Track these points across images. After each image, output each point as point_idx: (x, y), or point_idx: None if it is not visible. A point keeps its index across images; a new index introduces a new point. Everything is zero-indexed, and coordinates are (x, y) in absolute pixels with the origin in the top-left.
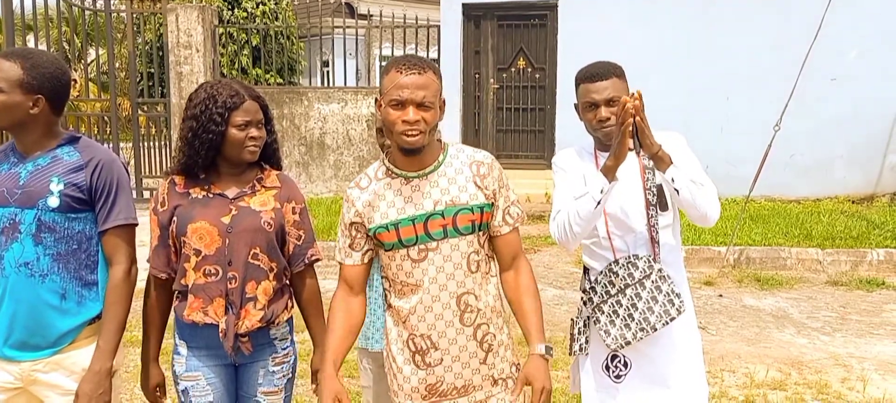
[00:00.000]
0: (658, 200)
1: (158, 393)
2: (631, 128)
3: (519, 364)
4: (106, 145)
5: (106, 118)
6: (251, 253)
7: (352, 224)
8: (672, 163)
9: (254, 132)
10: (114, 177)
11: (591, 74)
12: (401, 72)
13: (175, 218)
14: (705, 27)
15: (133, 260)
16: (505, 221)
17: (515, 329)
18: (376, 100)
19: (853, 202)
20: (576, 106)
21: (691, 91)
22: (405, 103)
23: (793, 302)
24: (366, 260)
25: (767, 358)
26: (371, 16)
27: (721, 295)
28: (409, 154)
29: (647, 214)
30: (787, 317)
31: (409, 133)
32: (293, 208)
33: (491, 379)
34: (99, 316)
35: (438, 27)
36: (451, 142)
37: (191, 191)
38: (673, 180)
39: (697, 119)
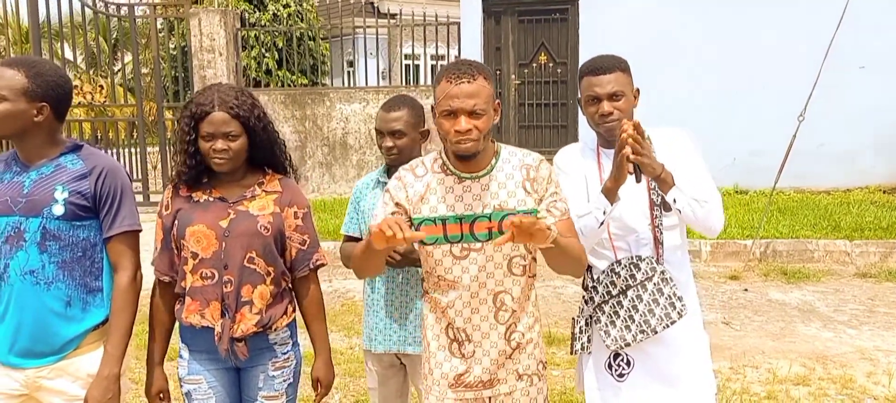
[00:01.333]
0: (663, 200)
1: (161, 399)
2: (628, 156)
3: (545, 361)
4: (132, 150)
5: (135, 122)
6: (247, 256)
7: (397, 204)
8: (674, 184)
9: (218, 144)
10: (118, 185)
11: (594, 68)
12: (451, 82)
13: (176, 222)
14: (730, 15)
15: (138, 266)
16: (549, 212)
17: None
18: (432, 107)
19: (884, 192)
20: (579, 100)
21: (716, 81)
22: (457, 113)
23: (819, 295)
24: None
25: (791, 353)
26: (392, 15)
27: (746, 290)
28: (464, 159)
29: (652, 215)
30: (813, 311)
31: (463, 142)
32: (295, 213)
33: (516, 374)
34: (103, 322)
35: (459, 24)
36: (503, 144)
37: (193, 194)
38: (675, 201)
39: (723, 109)
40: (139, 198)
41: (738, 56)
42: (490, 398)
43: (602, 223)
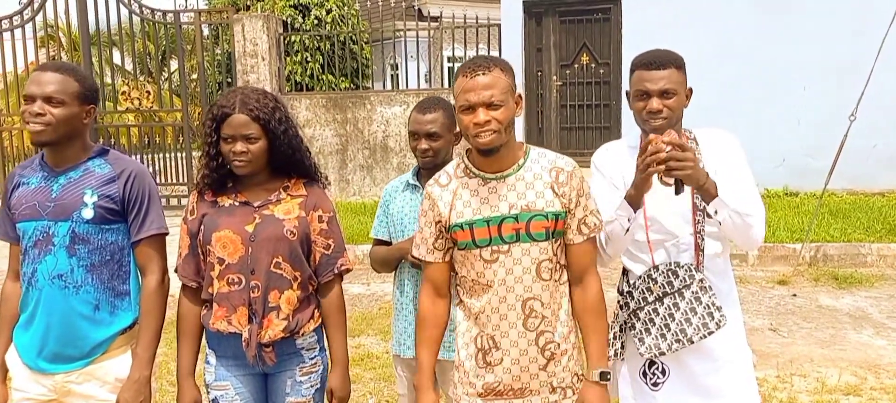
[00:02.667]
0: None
1: None
2: (658, 171)
3: (582, 374)
4: (178, 154)
5: (182, 127)
6: (273, 262)
7: (437, 222)
8: (717, 194)
9: (237, 147)
10: (145, 188)
11: (647, 61)
12: (466, 77)
13: (202, 227)
14: (778, 13)
15: (165, 270)
16: (579, 231)
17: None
18: (454, 106)
19: None
20: (627, 93)
21: (765, 80)
22: (474, 106)
23: (872, 301)
24: (447, 259)
25: (842, 361)
26: (434, 18)
27: (795, 295)
28: (487, 154)
29: (694, 220)
30: (865, 317)
31: (482, 134)
32: (320, 216)
33: (549, 386)
34: (130, 326)
35: (500, 26)
36: (533, 146)
37: (218, 199)
38: (716, 212)
39: (772, 109)
40: (185, 201)
41: (788, 54)
42: None
43: (627, 230)
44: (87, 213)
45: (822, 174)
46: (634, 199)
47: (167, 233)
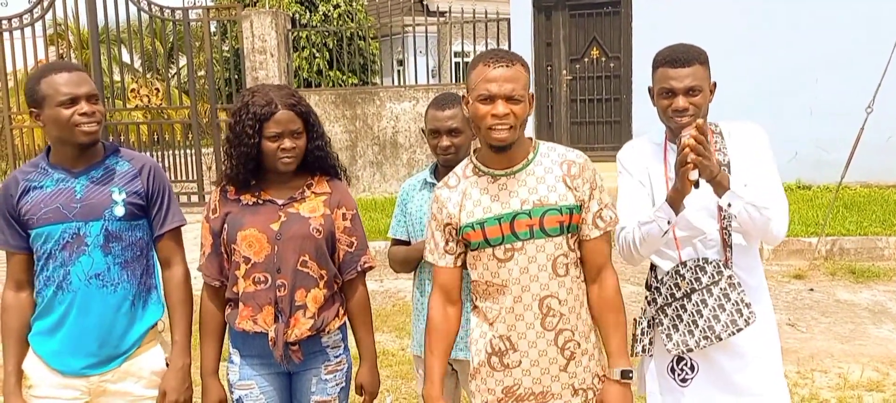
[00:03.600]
0: None
1: None
2: (690, 162)
3: (603, 375)
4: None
5: (191, 124)
6: (300, 260)
7: (446, 225)
8: (729, 187)
9: (286, 143)
10: (164, 182)
11: (672, 58)
12: (489, 66)
13: (226, 226)
14: (791, 4)
15: (186, 261)
16: (595, 224)
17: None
18: (462, 96)
19: None
20: (650, 89)
21: (778, 72)
22: (494, 97)
23: (891, 295)
24: (459, 264)
25: (863, 357)
26: (441, 13)
27: (812, 290)
28: (499, 151)
29: (720, 216)
30: (884, 312)
31: (498, 127)
32: (344, 214)
33: (571, 388)
34: (157, 321)
35: (509, 20)
36: (542, 140)
37: (241, 197)
38: (729, 206)
39: (785, 102)
40: (194, 198)
41: (801, 46)
42: None
43: (665, 232)
44: (119, 211)
45: (835, 167)
46: (675, 201)
47: (185, 224)
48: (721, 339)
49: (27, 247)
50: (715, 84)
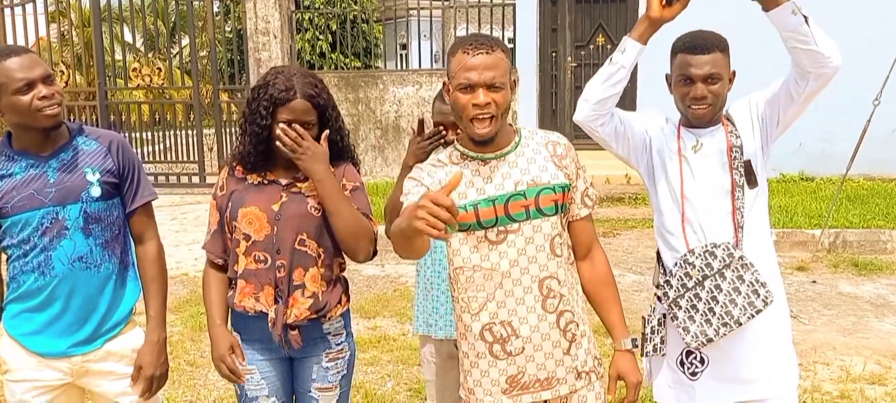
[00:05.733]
0: (746, 179)
1: (233, 354)
2: None
3: (600, 358)
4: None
5: (192, 104)
6: (298, 239)
7: (428, 188)
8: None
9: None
10: (133, 157)
11: (692, 45)
12: (468, 53)
13: (230, 203)
14: None
15: (159, 236)
16: (584, 203)
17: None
18: (444, 84)
19: None
20: (667, 76)
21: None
22: (475, 86)
23: (894, 288)
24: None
25: (865, 350)
26: None
27: (815, 282)
28: (482, 144)
29: (733, 197)
30: (887, 305)
31: (480, 117)
32: (344, 185)
33: (575, 372)
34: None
35: (514, 6)
36: (522, 126)
37: (248, 177)
38: (798, 10)
39: None
40: (195, 179)
41: None
42: (547, 401)
43: (614, 62)
44: (96, 191)
45: (839, 159)
46: (644, 33)
47: (156, 198)
48: (740, 324)
49: None
50: (734, 72)
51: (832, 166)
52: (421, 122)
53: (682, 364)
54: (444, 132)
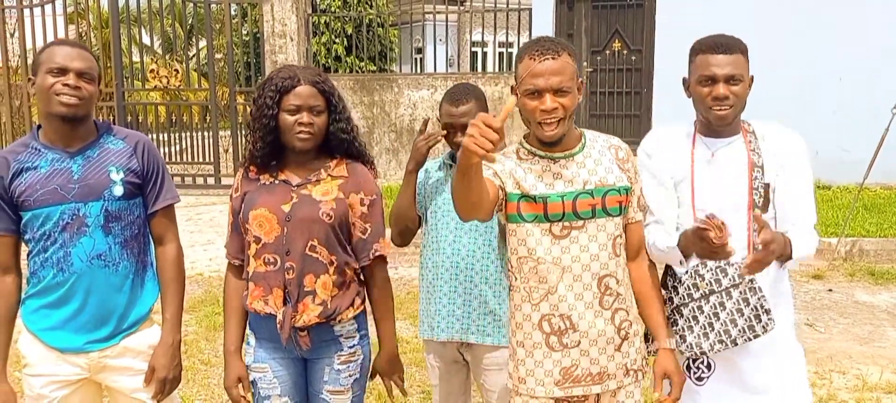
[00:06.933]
0: (764, 202)
1: (241, 386)
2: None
3: (647, 357)
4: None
5: (209, 106)
6: (308, 244)
7: (495, 173)
8: (792, 256)
9: (304, 117)
10: (158, 158)
11: (714, 45)
12: (534, 59)
13: (243, 205)
14: (817, 3)
15: (179, 239)
16: (639, 206)
17: None
18: (512, 88)
19: None
20: (685, 80)
21: (801, 71)
22: (542, 92)
23: None
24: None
25: (882, 359)
26: (461, 2)
27: (831, 290)
28: (550, 146)
29: (749, 217)
30: None
31: (548, 121)
32: (361, 199)
33: (624, 368)
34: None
35: (530, 10)
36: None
37: (261, 177)
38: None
39: (808, 101)
40: (211, 180)
41: (825, 45)
42: (599, 395)
43: (680, 262)
44: (118, 190)
45: (856, 167)
46: (686, 252)
47: (179, 201)
48: (736, 344)
49: (15, 230)
50: (753, 77)
51: (849, 175)
52: (426, 123)
53: (688, 368)
54: (444, 133)
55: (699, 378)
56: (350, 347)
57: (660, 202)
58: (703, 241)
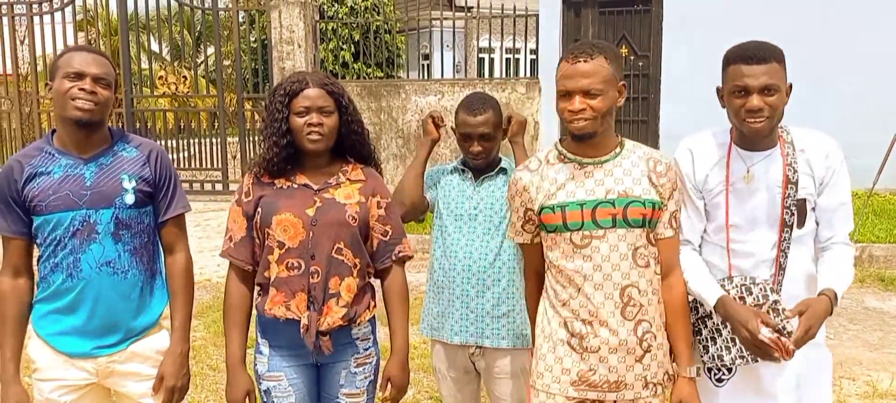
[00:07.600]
0: (796, 220)
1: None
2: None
3: (671, 374)
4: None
5: (216, 113)
6: (335, 247)
7: (526, 210)
8: (833, 309)
9: (314, 118)
10: (170, 167)
11: (747, 55)
12: (568, 62)
13: (259, 209)
14: (822, 8)
15: (189, 248)
16: (671, 224)
17: None
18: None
19: None
20: (718, 89)
21: (809, 76)
22: (571, 93)
23: None
24: (537, 241)
25: (892, 366)
26: (468, 8)
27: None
28: (580, 139)
29: (780, 236)
30: None
31: (576, 121)
32: (378, 202)
33: (643, 380)
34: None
35: (537, 16)
36: (627, 138)
37: (276, 181)
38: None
39: (816, 105)
40: (219, 186)
41: (832, 49)
42: (614, 402)
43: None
44: (129, 198)
45: (865, 172)
46: (721, 315)
47: (190, 210)
48: (756, 361)
49: (27, 233)
50: (791, 85)
51: (858, 179)
52: (441, 118)
53: (708, 369)
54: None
55: (719, 380)
56: (365, 349)
57: (689, 219)
58: (756, 347)
